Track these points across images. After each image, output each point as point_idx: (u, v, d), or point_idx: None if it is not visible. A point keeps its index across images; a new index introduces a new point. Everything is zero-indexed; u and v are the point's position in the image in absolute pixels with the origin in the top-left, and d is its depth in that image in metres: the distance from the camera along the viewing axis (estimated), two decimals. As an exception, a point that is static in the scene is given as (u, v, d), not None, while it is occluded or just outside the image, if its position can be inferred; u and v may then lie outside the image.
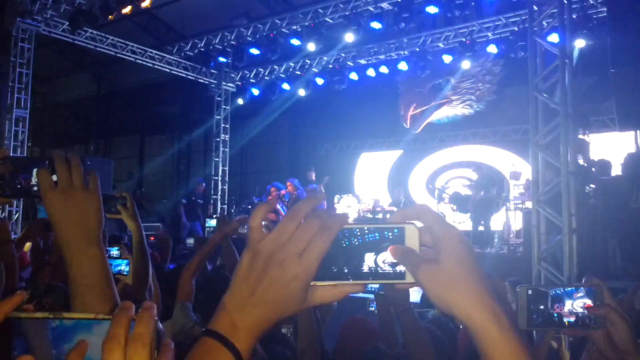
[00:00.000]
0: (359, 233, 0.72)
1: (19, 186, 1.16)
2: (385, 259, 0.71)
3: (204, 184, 13.48)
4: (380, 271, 0.72)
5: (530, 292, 1.22)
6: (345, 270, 0.72)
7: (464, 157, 13.33)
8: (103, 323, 0.60)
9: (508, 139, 12.67)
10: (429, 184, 13.25)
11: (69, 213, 1.04)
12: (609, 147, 9.68)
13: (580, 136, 7.54)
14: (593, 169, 7.43)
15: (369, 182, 14.56)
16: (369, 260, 0.72)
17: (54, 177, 1.06)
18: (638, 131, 8.78)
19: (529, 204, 9.84)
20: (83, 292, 1.02)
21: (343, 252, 0.72)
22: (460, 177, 13.16)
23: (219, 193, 14.81)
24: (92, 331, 0.59)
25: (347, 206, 13.88)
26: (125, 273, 2.60)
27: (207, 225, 11.54)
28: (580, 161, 7.35)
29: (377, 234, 0.72)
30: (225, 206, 14.82)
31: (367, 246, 0.72)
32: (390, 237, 0.72)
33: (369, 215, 11.80)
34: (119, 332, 0.57)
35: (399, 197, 12.33)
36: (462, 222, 11.61)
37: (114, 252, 3.60)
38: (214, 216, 12.33)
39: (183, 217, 12.58)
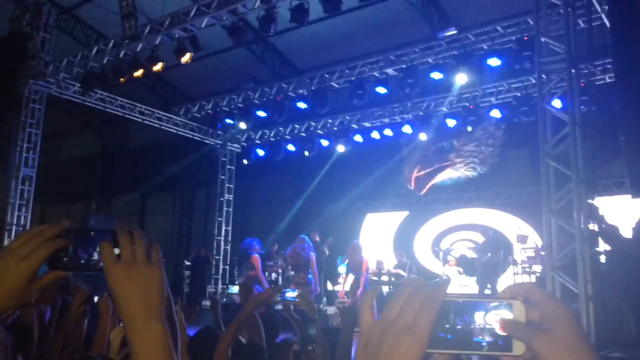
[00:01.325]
0: (468, 306, 0.77)
1: (82, 261, 1.16)
2: (494, 319, 0.77)
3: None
4: (487, 341, 0.76)
5: None
6: (454, 340, 0.76)
7: (469, 219, 13.36)
8: None
9: (512, 202, 12.74)
10: (434, 246, 13.20)
11: (132, 287, 1.02)
12: (616, 210, 9.70)
13: (589, 201, 7.57)
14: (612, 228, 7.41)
15: (373, 243, 14.48)
16: (478, 323, 0.77)
17: (117, 251, 1.05)
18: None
19: (536, 268, 9.82)
20: None
21: (452, 322, 0.77)
22: (465, 239, 13.13)
23: (222, 253, 14.68)
24: None
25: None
26: None
27: (229, 291, 11.35)
28: (591, 226, 7.35)
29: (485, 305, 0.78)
30: (228, 267, 14.66)
31: (476, 312, 0.77)
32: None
33: (374, 278, 11.64)
34: None
35: (403, 260, 12.21)
36: (468, 285, 11.49)
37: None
38: (236, 282, 12.12)
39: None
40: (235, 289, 10.42)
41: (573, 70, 6.42)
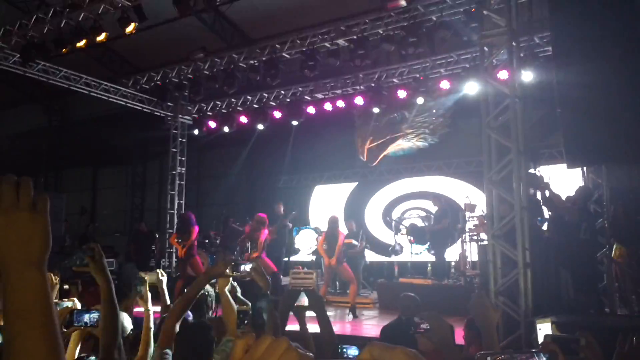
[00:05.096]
0: None
1: None
2: None
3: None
4: None
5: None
6: None
7: (419, 188, 13.58)
8: None
9: (462, 171, 13.01)
10: (385, 216, 13.40)
11: (10, 235, 0.98)
12: (558, 178, 10.02)
13: (532, 171, 7.80)
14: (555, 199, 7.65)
15: (327, 214, 14.57)
16: None
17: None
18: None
19: (483, 236, 10.09)
20: (12, 320, 0.94)
21: None
22: (416, 208, 13.36)
23: (175, 227, 14.50)
24: None
25: (304, 239, 13.87)
26: (97, 325, 2.45)
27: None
28: (532, 192, 7.58)
29: None
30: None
31: None
32: None
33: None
34: None
35: (352, 229, 12.22)
36: (420, 252, 11.75)
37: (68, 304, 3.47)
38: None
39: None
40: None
41: (514, 43, 6.52)
